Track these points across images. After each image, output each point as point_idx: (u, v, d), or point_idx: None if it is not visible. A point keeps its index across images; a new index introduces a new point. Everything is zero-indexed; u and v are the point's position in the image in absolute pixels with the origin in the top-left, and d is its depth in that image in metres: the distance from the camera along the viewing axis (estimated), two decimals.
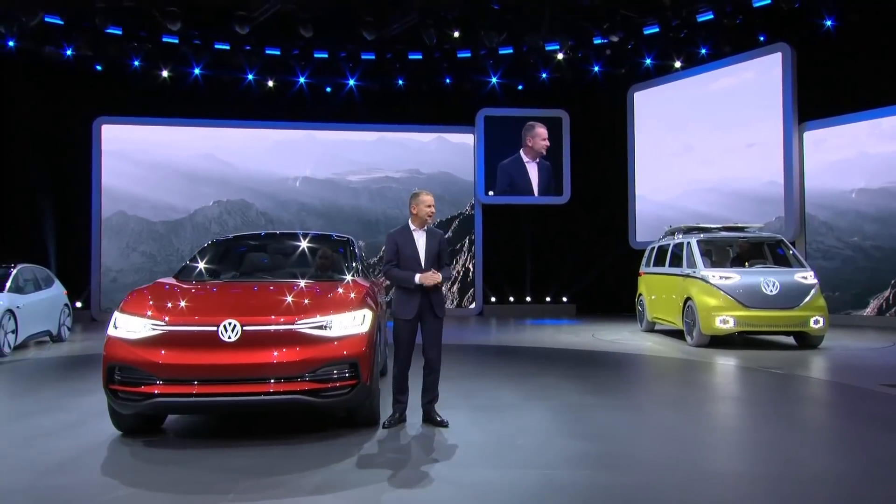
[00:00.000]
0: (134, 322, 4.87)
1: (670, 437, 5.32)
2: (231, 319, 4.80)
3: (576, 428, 5.53)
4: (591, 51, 16.65)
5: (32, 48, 15.19)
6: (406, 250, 5.53)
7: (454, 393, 6.76)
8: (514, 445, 5.00)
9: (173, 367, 4.71)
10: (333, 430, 5.37)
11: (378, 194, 17.98)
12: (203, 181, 17.14)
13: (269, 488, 4.02)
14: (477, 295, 17.97)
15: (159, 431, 5.33)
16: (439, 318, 5.54)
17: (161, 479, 4.23)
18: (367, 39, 15.13)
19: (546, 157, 18.18)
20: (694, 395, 7.31)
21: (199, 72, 16.54)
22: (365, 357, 5.09)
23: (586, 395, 6.90)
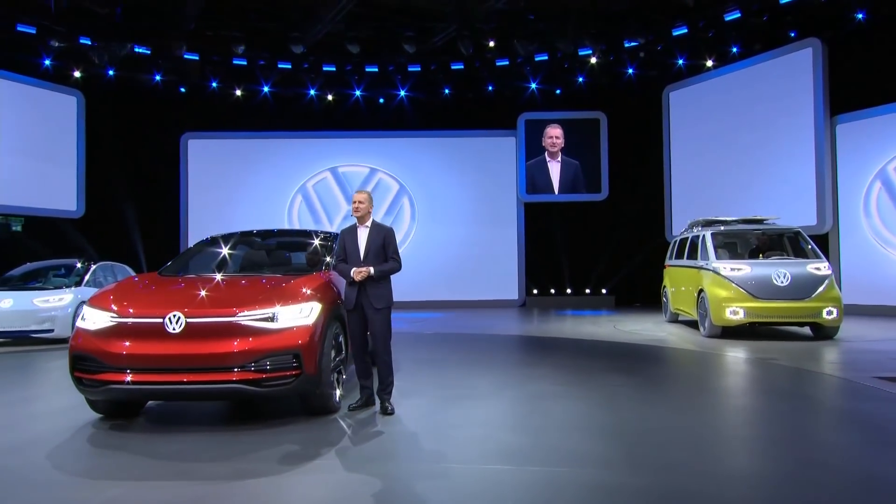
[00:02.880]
0: (96, 314, 4.77)
1: (600, 429, 4.70)
2: (176, 312, 4.61)
3: (523, 421, 5.02)
4: (624, 54, 15.69)
5: (127, 75, 15.84)
6: (349, 246, 5.29)
7: (428, 380, 6.36)
8: (444, 437, 4.55)
9: (122, 356, 4.57)
10: (286, 417, 5.09)
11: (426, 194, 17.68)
12: (274, 187, 17.36)
13: (177, 476, 3.77)
14: (520, 287, 17.36)
15: (135, 416, 5.20)
16: (378, 310, 5.19)
17: (109, 464, 4.09)
18: (409, 52, 14.85)
19: (574, 156, 17.35)
20: (685, 385, 6.58)
21: (267, 89, 16.78)
22: (308, 348, 4.78)
23: (560, 386, 6.32)
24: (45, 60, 15.13)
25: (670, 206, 16.63)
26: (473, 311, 15.81)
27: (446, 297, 17.06)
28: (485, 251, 17.26)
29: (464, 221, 17.38)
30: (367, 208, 5.39)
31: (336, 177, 17.49)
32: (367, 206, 5.37)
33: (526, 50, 15.19)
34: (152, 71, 15.91)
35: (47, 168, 15.71)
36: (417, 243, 17.41)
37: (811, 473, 3.75)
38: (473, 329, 11.83)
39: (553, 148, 17.32)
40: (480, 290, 17.16)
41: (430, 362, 7.94)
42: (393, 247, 5.40)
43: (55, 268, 11.77)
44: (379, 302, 5.24)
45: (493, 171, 17.52)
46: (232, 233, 6.68)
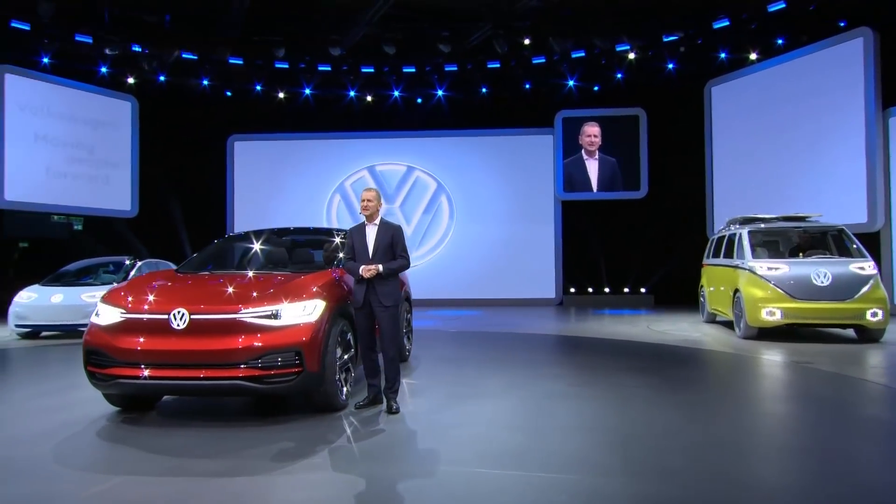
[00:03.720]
0: (108, 310, 4.84)
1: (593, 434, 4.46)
2: (181, 308, 4.63)
3: (527, 422, 4.83)
4: (663, 49, 15.14)
5: (176, 81, 16.27)
6: (358, 244, 5.21)
7: (442, 378, 6.23)
8: (443, 437, 4.41)
9: (129, 351, 4.61)
10: (291, 413, 5.05)
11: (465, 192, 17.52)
12: (314, 187, 17.52)
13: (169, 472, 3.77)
14: (557, 286, 17.02)
15: (149, 409, 5.25)
16: (386, 308, 5.09)
17: (108, 457, 4.15)
18: (445, 52, 14.73)
19: (612, 153, 16.88)
20: (709, 389, 6.22)
21: (308, 92, 16.95)
22: (310, 345, 4.72)
23: (574, 386, 6.09)
24: (101, 68, 15.69)
25: (712, 203, 15.98)
26: (509, 310, 15.58)
27: (483, 295, 16.88)
28: (522, 249, 16.99)
29: (501, 220, 17.16)
30: (376, 206, 5.30)
31: (374, 175, 17.53)
32: (375, 204, 5.28)
33: (562, 47, 14.87)
34: (200, 76, 16.28)
35: (105, 170, 16.29)
36: (455, 241, 17.29)
37: (834, 489, 3.43)
38: (504, 327, 11.63)
39: (591, 146, 16.90)
40: (517, 288, 16.90)
41: (450, 360, 7.81)
42: (401, 245, 5.31)
43: (105, 265, 12.16)
44: (387, 300, 5.15)
45: (530, 170, 17.22)
46: (251, 231, 6.71)
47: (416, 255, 17.27)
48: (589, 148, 16.92)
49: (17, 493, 3.40)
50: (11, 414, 5.23)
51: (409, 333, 7.83)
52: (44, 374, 7.22)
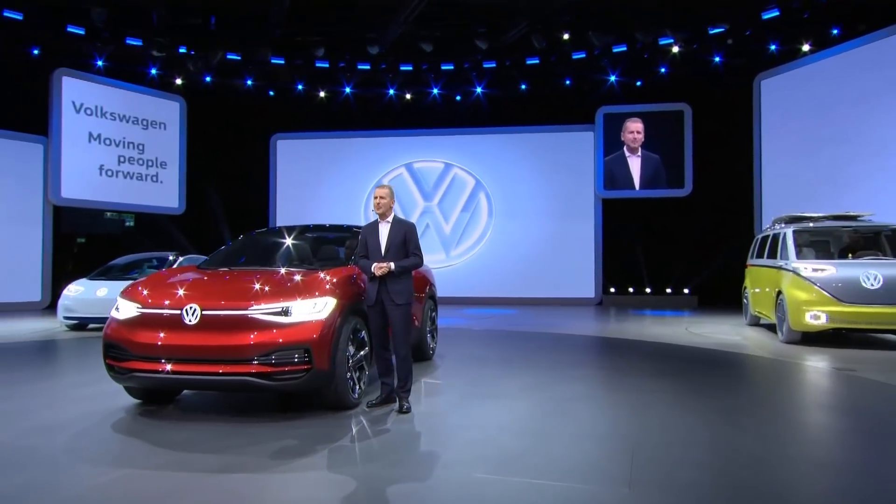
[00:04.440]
0: (126, 305, 4.94)
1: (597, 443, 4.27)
2: (193, 304, 4.67)
3: (537, 425, 4.69)
4: (709, 42, 14.60)
5: (221, 81, 16.65)
6: (371, 242, 5.17)
7: (461, 377, 6.13)
8: (447, 439, 4.32)
9: (143, 345, 4.69)
10: (303, 410, 5.04)
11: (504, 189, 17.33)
12: (353, 185, 17.65)
13: (170, 466, 3.80)
14: (596, 285, 16.65)
15: (168, 402, 5.33)
16: (399, 306, 5.03)
17: (116, 450, 4.20)
18: (482, 49, 14.59)
19: (655, 150, 16.38)
20: (741, 396, 5.88)
21: (349, 90, 17.07)
22: (319, 343, 4.70)
23: (595, 389, 5.90)
24: (151, 70, 16.20)
25: (760, 201, 15.32)
26: (547, 309, 15.34)
27: (521, 294, 16.67)
28: (561, 248, 16.70)
29: (540, 218, 16.90)
30: (389, 204, 5.24)
31: (411, 172, 17.53)
32: (388, 201, 5.22)
33: (602, 42, 14.51)
34: (244, 76, 16.60)
35: (154, 169, 16.82)
36: (493, 240, 17.13)
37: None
38: (537, 327, 11.43)
39: (633, 143, 16.46)
40: (556, 287, 16.63)
41: (474, 359, 7.70)
42: (414, 242, 5.24)
43: (150, 260, 12.53)
44: (399, 297, 5.09)
45: (570, 167, 16.90)
46: (275, 227, 6.76)
47: (454, 254, 17.22)
48: (631, 145, 16.48)
49: (22, 481, 3.48)
50: (42, 403, 5.40)
51: (433, 332, 7.76)
52: (80, 365, 7.46)
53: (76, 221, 16.41)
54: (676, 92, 16.15)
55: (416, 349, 7.41)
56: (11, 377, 6.51)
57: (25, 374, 6.73)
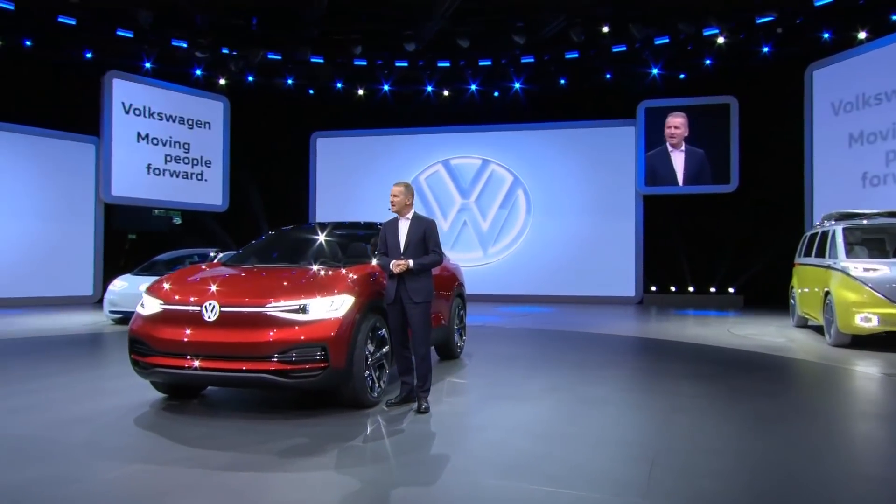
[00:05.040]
0: (150, 301, 4.99)
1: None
2: (213, 301, 4.68)
3: (556, 428, 4.53)
4: (757, 31, 14.00)
5: (263, 81, 16.90)
6: (390, 239, 5.10)
7: (485, 376, 6.00)
8: (461, 441, 4.21)
9: (165, 340, 4.73)
10: (320, 408, 5.00)
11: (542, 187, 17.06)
12: (390, 182, 17.62)
13: (179, 462, 3.81)
14: (637, 284, 16.23)
15: (192, 398, 5.37)
16: (417, 304, 4.94)
17: (133, 444, 4.24)
18: (519, 44, 14.36)
19: (700, 144, 15.82)
20: (779, 401, 5.51)
21: (387, 88, 17.09)
22: (336, 341, 4.66)
23: (622, 391, 5.69)
24: (196, 70, 16.57)
25: (811, 197, 14.62)
26: (586, 308, 15.03)
27: (560, 292, 16.39)
28: (600, 245, 16.34)
29: (579, 214, 16.57)
30: (404, 201, 5.15)
31: (448, 169, 17.43)
32: (402, 199, 5.13)
33: (643, 34, 14.08)
34: (284, 75, 16.81)
35: (199, 167, 17.22)
36: (532, 236, 16.89)
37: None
38: (573, 326, 11.19)
39: (673, 139, 15.95)
40: (595, 285, 16.28)
41: (501, 358, 7.56)
42: (434, 239, 5.13)
43: (191, 256, 12.82)
44: (418, 296, 5.00)
45: (610, 163, 16.50)
46: (302, 224, 6.77)
47: (492, 252, 17.06)
48: (671, 140, 15.98)
49: (35, 474, 3.53)
50: (72, 395, 5.53)
51: (461, 330, 7.65)
52: (117, 359, 7.63)
53: (126, 219, 16.94)
54: (722, 84, 15.58)
55: (443, 347, 7.35)
56: (50, 369, 6.71)
57: (63, 366, 6.93)
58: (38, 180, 14.82)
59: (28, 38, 14.21)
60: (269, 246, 6.50)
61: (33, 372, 6.54)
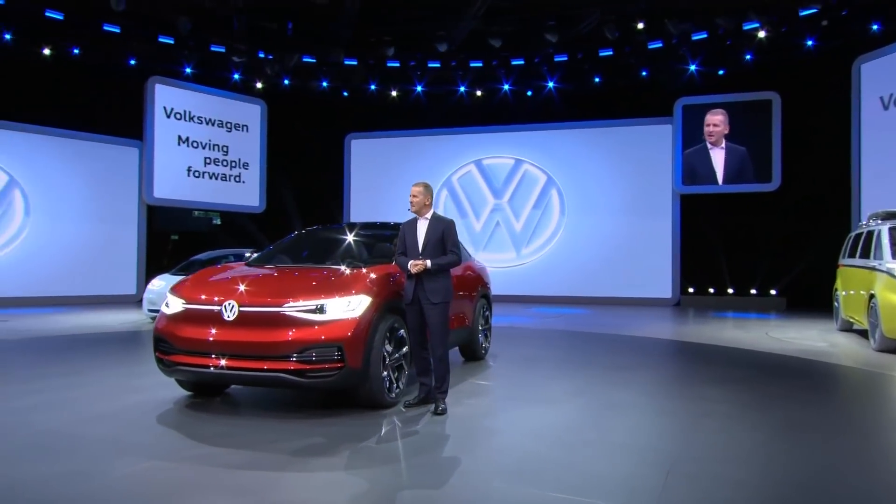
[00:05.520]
0: (174, 300, 5.08)
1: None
2: (232, 300, 4.74)
3: (572, 434, 4.43)
4: (800, 24, 13.50)
5: (299, 83, 17.14)
6: (409, 239, 5.09)
7: (508, 378, 5.92)
8: (475, 444, 4.15)
9: (185, 339, 4.80)
10: (339, 408, 5.01)
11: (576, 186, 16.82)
12: (427, 181, 17.66)
13: (192, 459, 3.84)
14: (674, 285, 15.85)
15: (216, 395, 5.45)
16: (435, 305, 4.91)
17: (151, 441, 4.31)
18: (552, 42, 14.20)
19: (741, 142, 15.35)
20: (813, 410, 5.25)
21: (420, 89, 17.12)
22: (352, 341, 4.66)
23: (647, 396, 5.53)
24: (234, 75, 16.91)
25: (859, 195, 14.01)
26: (620, 309, 14.75)
27: (594, 293, 16.14)
28: (636, 246, 16.02)
29: (614, 214, 16.28)
30: (423, 201, 5.13)
31: (480, 169, 17.35)
32: (421, 199, 5.11)
33: (680, 30, 13.76)
34: (319, 78, 17.01)
35: (237, 169, 17.56)
36: (566, 237, 16.68)
37: None
38: (606, 327, 10.98)
39: (711, 136, 15.52)
40: (631, 287, 15.97)
41: (527, 360, 7.46)
42: (452, 240, 5.09)
43: (227, 256, 13.07)
44: (436, 296, 4.97)
45: (646, 162, 16.17)
46: (327, 225, 6.82)
47: (525, 252, 16.92)
48: (710, 138, 15.55)
49: (53, 469, 3.63)
50: (100, 392, 5.67)
51: (486, 331, 7.59)
52: (148, 356, 7.78)
53: (167, 220, 17.40)
54: (763, 80, 15.08)
55: (467, 349, 7.30)
56: (85, 366, 6.92)
57: (98, 363, 7.13)
58: (86, 183, 15.35)
59: (76, 47, 14.73)
60: (294, 246, 6.55)
61: (69, 368, 6.75)
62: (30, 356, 7.75)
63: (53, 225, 14.90)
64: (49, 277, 14.73)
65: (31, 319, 11.46)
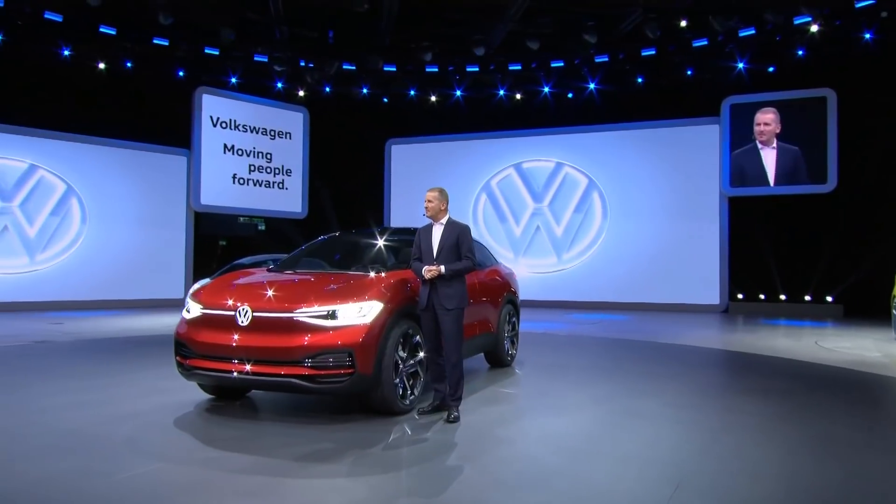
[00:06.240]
0: (193, 305, 5.20)
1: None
2: (245, 306, 4.82)
3: (586, 444, 4.31)
4: (857, 17, 12.86)
5: (340, 90, 17.42)
6: (424, 244, 5.11)
7: (528, 386, 5.83)
8: (483, 453, 4.09)
9: (202, 343, 4.91)
10: (353, 414, 5.04)
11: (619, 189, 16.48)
12: (462, 187, 17.65)
13: (198, 462, 3.93)
14: (721, 291, 15.31)
15: (237, 399, 5.55)
16: (449, 311, 4.90)
17: (163, 443, 4.43)
18: (591, 42, 13.98)
19: (794, 142, 14.70)
20: (856, 424, 4.94)
21: (459, 93, 17.13)
22: (363, 347, 4.67)
23: (672, 407, 5.34)
24: (277, 83, 17.33)
25: None
26: (664, 316, 14.35)
27: (637, 298, 15.76)
28: (682, 250, 15.57)
29: (658, 218, 15.87)
30: (438, 206, 5.11)
31: (520, 173, 17.19)
32: (436, 204, 5.10)
33: (726, 26, 13.31)
34: (360, 84, 17.24)
35: (280, 176, 17.97)
36: (608, 241, 16.36)
37: None
38: (644, 334, 10.70)
39: (762, 136, 14.94)
40: (676, 292, 15.53)
41: (553, 367, 7.33)
42: (467, 245, 5.06)
43: (267, 261, 13.36)
44: (450, 302, 4.94)
45: (691, 163, 15.70)
46: (352, 230, 6.88)
47: (567, 257, 16.68)
48: (760, 138, 14.97)
49: (66, 467, 3.76)
50: (128, 393, 5.85)
51: (513, 338, 7.49)
52: None
53: (214, 226, 17.94)
54: (817, 76, 14.44)
55: (492, 355, 7.22)
56: (123, 367, 7.18)
57: (133, 365, 7.37)
58: (138, 191, 15.99)
59: (128, 60, 15.39)
60: (315, 252, 6.64)
61: (107, 369, 7.02)
62: (75, 357, 8.10)
63: (108, 232, 15.57)
64: (104, 282, 15.38)
65: (84, 322, 11.99)
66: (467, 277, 6.40)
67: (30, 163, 14.58)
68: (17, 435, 4.44)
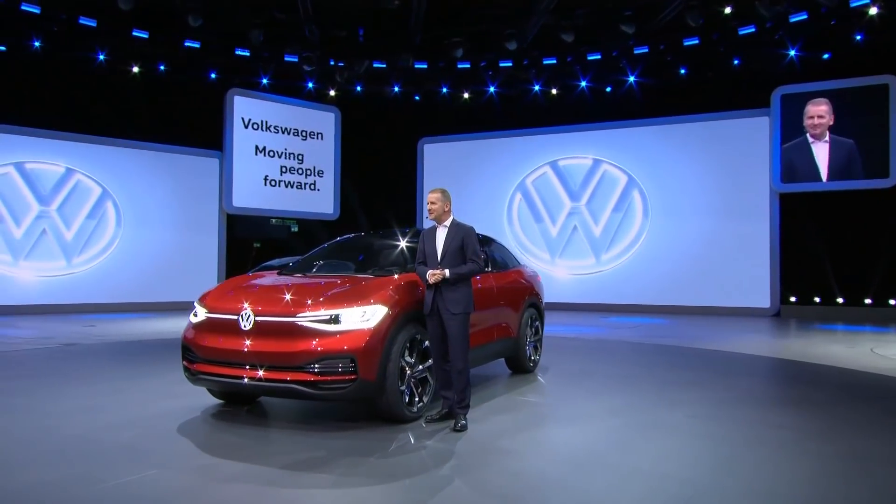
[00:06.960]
0: (199, 310, 5.28)
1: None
2: (248, 310, 4.85)
3: (596, 457, 4.17)
4: None
5: (371, 90, 17.54)
6: (428, 247, 5.04)
7: (545, 395, 5.70)
8: (483, 466, 4.00)
9: (206, 348, 4.97)
10: (359, 421, 5.01)
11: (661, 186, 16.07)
12: (496, 186, 17.53)
13: (192, 470, 3.95)
14: (772, 294, 14.75)
15: (246, 404, 5.60)
16: (454, 315, 4.83)
17: (164, 448, 4.48)
18: (629, 33, 13.67)
19: (849, 134, 14.03)
20: None
21: (492, 90, 17.02)
22: (365, 352, 4.64)
23: (696, 418, 5.13)
24: (308, 83, 17.56)
25: None
26: (709, 319, 13.91)
27: (681, 301, 15.34)
28: (728, 250, 15.07)
29: (703, 216, 15.40)
30: (442, 208, 5.05)
31: (556, 171, 16.94)
32: (440, 206, 5.04)
33: (773, 12, 12.81)
34: (391, 83, 17.31)
35: (312, 177, 18.20)
36: (649, 241, 15.97)
37: None
38: (683, 339, 10.37)
39: (815, 129, 14.32)
40: (722, 295, 15.04)
41: (578, 374, 7.17)
42: (472, 248, 4.98)
43: None
44: (455, 306, 4.87)
45: (738, 158, 15.18)
46: (363, 232, 6.88)
47: (605, 258, 16.37)
48: (813, 131, 14.36)
49: (62, 474, 3.84)
50: (138, 398, 5.94)
51: (536, 343, 7.36)
52: None
53: (247, 227, 18.30)
54: (876, 63, 13.77)
55: (513, 361, 7.11)
56: (140, 370, 7.35)
57: (150, 368, 7.51)
58: (171, 193, 16.44)
59: (161, 63, 15.84)
60: (326, 254, 6.65)
61: (124, 373, 7.20)
62: (96, 360, 8.34)
63: (142, 234, 16.05)
64: (138, 284, 15.86)
65: (115, 325, 12.37)
66: (484, 281, 6.34)
67: (66, 167, 15.16)
68: (18, 439, 4.56)
